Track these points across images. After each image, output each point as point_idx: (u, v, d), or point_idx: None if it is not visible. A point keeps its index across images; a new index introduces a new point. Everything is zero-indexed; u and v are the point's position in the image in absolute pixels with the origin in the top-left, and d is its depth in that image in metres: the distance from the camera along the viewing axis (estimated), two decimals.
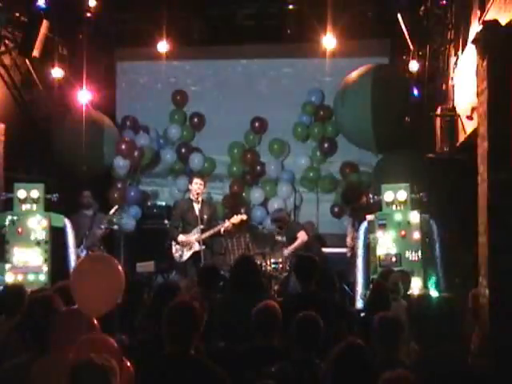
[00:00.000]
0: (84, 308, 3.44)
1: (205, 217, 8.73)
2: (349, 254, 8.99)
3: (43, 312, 3.62)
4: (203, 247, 8.68)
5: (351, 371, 3.37)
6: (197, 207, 8.81)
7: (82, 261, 3.72)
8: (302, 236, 9.13)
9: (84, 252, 8.80)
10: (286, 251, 9.07)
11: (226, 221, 8.91)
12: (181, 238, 8.75)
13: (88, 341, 3.10)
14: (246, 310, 4.58)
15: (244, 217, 9.11)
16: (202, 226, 8.68)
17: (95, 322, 3.50)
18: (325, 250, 9.61)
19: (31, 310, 3.80)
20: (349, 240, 9.09)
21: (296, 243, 9.07)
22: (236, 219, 8.93)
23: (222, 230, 8.85)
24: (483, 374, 3.98)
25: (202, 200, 8.88)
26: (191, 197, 8.88)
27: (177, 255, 8.85)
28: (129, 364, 3.28)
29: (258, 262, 7.99)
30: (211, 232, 8.78)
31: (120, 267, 3.60)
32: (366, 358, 3.47)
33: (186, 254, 8.78)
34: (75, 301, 3.53)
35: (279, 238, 9.48)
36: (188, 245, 8.75)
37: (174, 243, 8.89)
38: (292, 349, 4.21)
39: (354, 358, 3.45)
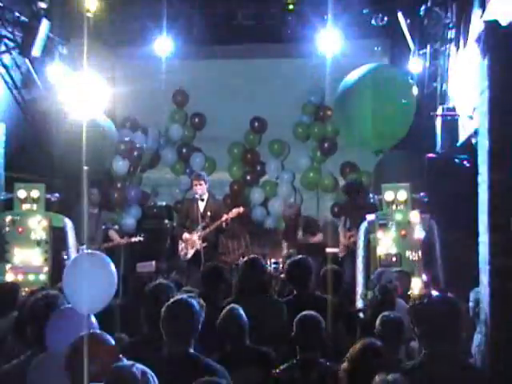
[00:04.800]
0: (77, 307, 3.44)
1: (208, 214, 8.79)
2: (342, 254, 8.94)
3: (46, 310, 3.62)
4: (204, 244, 8.71)
5: (369, 372, 3.36)
6: (201, 205, 8.87)
7: (74, 259, 3.71)
8: (319, 237, 9.47)
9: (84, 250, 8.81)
10: (301, 237, 9.38)
11: (224, 215, 8.93)
12: (185, 235, 8.83)
13: (86, 338, 3.10)
14: (257, 312, 4.58)
15: (240, 209, 9.10)
16: (203, 224, 8.72)
17: (94, 320, 3.51)
18: (333, 250, 9.59)
19: (34, 308, 3.80)
20: (342, 239, 9.01)
21: (312, 238, 9.40)
22: (233, 212, 8.95)
23: (224, 224, 8.87)
24: (483, 374, 3.97)
25: (207, 198, 8.93)
26: (195, 196, 8.94)
27: (182, 253, 8.96)
28: None
29: None
30: (211, 228, 8.81)
31: (112, 266, 3.59)
32: (383, 358, 3.48)
33: (190, 252, 8.84)
34: (68, 299, 3.53)
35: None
36: (191, 243, 8.81)
37: (180, 241, 8.98)
38: (296, 350, 4.21)
39: (371, 359, 3.46)
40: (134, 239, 9.33)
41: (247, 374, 3.97)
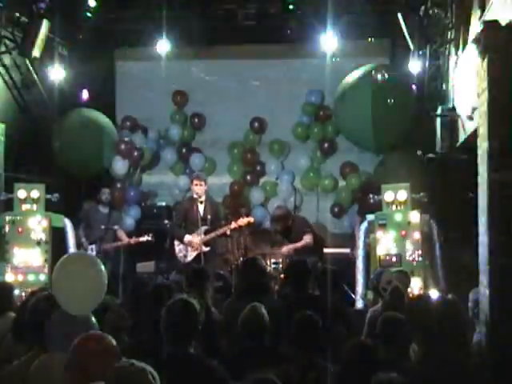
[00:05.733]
0: (67, 307, 3.44)
1: (208, 217, 8.68)
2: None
3: (47, 311, 3.61)
4: (208, 249, 8.62)
5: (360, 371, 3.37)
6: (200, 207, 8.75)
7: (62, 260, 3.70)
8: (307, 239, 8.77)
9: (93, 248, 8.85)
10: (286, 248, 8.79)
11: (233, 222, 8.78)
12: (187, 238, 8.66)
13: (86, 339, 3.10)
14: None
15: (251, 219, 8.99)
16: (206, 227, 8.62)
17: (93, 320, 3.51)
18: (333, 250, 9.54)
19: (35, 308, 3.80)
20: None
21: (299, 244, 8.73)
22: (243, 221, 8.77)
23: (228, 231, 8.77)
24: (483, 374, 3.97)
25: (206, 199, 8.83)
26: (194, 196, 8.83)
27: (180, 255, 8.76)
28: None
29: None
30: (217, 233, 8.68)
31: (102, 266, 3.59)
32: (375, 357, 3.48)
33: (191, 255, 8.69)
34: (58, 300, 3.53)
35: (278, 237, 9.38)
36: (193, 245, 8.65)
37: (177, 243, 8.83)
38: (295, 350, 4.21)
39: (363, 358, 3.46)
40: (141, 239, 9.31)
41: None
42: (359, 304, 7.51)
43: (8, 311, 4.97)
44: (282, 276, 8.72)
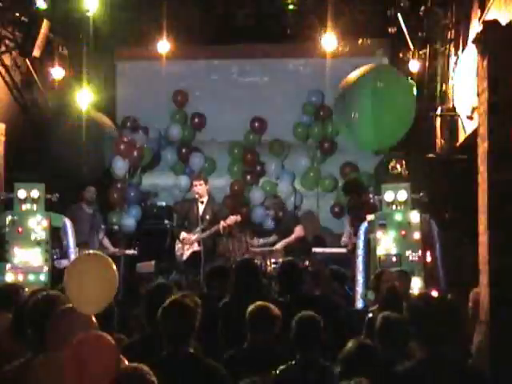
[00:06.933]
0: (79, 307, 3.43)
1: (207, 217, 8.77)
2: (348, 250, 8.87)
3: (46, 311, 3.61)
4: (201, 247, 8.71)
5: (360, 371, 3.36)
6: (200, 207, 8.87)
7: (75, 259, 3.70)
8: (298, 231, 9.12)
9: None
10: (279, 245, 9.07)
11: (221, 222, 8.89)
12: (182, 235, 8.86)
13: (86, 338, 3.09)
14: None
15: (238, 218, 9.07)
16: (202, 226, 8.72)
17: (93, 320, 3.50)
18: (325, 250, 9.57)
19: (34, 308, 3.80)
20: (345, 239, 8.96)
21: (289, 238, 9.07)
22: (231, 220, 8.92)
23: (221, 230, 8.86)
24: (483, 374, 3.97)
25: (207, 200, 8.92)
26: (196, 196, 8.94)
27: (178, 254, 8.98)
28: (127, 363, 3.27)
29: (258, 262, 7.98)
30: (208, 233, 8.81)
31: (114, 266, 3.59)
32: (375, 357, 3.48)
33: (186, 253, 8.85)
34: (70, 300, 3.52)
35: (261, 240, 9.53)
36: (188, 243, 8.82)
37: (177, 242, 8.99)
38: (295, 350, 4.20)
39: (363, 358, 3.46)
40: (127, 252, 9.30)
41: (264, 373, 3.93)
42: (359, 304, 7.49)
43: (6, 311, 4.96)
44: None
